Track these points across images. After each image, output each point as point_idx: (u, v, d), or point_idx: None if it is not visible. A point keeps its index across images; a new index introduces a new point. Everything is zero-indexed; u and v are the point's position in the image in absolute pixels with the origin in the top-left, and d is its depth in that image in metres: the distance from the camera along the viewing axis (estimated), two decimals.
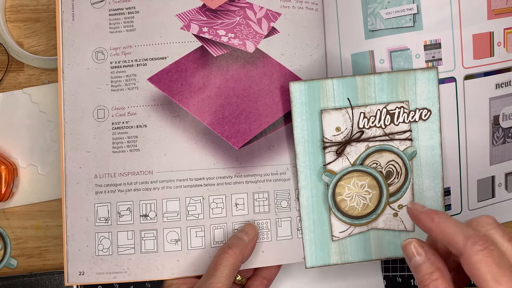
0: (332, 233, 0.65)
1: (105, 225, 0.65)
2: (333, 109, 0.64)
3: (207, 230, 0.65)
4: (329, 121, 0.64)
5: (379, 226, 0.66)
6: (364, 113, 0.64)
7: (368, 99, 0.64)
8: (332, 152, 0.65)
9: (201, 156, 0.65)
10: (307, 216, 0.65)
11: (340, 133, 0.64)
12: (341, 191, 0.65)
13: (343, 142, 0.64)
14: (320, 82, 0.64)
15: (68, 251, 0.65)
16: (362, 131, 0.64)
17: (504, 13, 0.67)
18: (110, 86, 0.66)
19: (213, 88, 0.66)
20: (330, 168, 0.65)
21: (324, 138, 0.64)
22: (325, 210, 0.65)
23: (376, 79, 0.64)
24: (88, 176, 0.66)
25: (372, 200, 0.65)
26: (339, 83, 0.64)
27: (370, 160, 0.65)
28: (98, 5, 0.68)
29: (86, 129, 0.66)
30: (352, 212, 0.65)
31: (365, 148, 0.64)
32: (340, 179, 0.64)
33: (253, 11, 0.67)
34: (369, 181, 0.65)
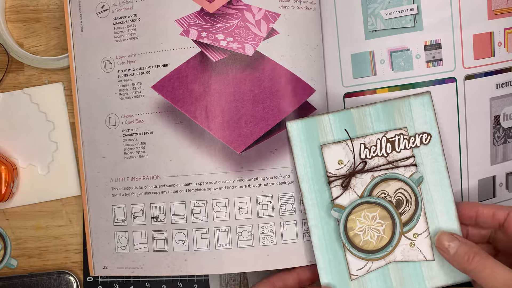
0: (350, 271, 0.64)
1: (122, 225, 0.71)
2: (332, 143, 0.65)
3: (211, 233, 0.69)
4: (331, 155, 0.65)
5: (397, 258, 0.64)
6: (364, 143, 0.64)
7: (366, 129, 0.65)
8: (338, 186, 0.64)
9: (204, 161, 0.68)
10: (322, 256, 0.65)
11: (343, 166, 0.65)
12: (353, 226, 0.64)
13: (347, 175, 0.64)
14: (317, 118, 0.65)
15: (93, 248, 0.72)
16: (365, 161, 0.64)
17: (504, 13, 0.68)
18: (118, 94, 0.70)
19: (213, 94, 0.67)
20: (338, 203, 0.64)
21: (328, 173, 0.65)
22: (339, 247, 0.64)
23: (371, 110, 0.65)
24: (105, 180, 0.71)
25: (386, 231, 0.64)
26: (335, 118, 0.65)
27: (377, 190, 0.64)
28: (102, 14, 0.70)
29: (101, 136, 0.71)
30: (367, 247, 0.64)
31: (370, 178, 0.64)
32: (350, 213, 0.64)
33: (252, 13, 0.68)
34: (379, 212, 0.64)
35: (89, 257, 0.72)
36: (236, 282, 0.75)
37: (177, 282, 0.75)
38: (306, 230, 0.68)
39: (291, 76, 0.68)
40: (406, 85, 0.68)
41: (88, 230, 0.72)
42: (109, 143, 0.71)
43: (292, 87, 0.68)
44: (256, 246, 0.68)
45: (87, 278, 0.75)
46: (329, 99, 0.71)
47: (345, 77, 0.70)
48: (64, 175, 0.75)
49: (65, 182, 0.75)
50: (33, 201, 0.76)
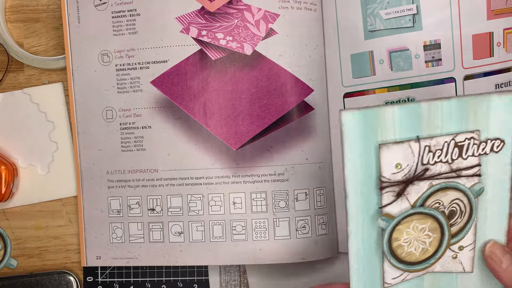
0: (384, 280, 0.57)
1: (117, 216, 0.72)
2: (393, 143, 0.53)
3: (207, 226, 0.70)
4: (389, 156, 0.54)
5: (436, 269, 0.59)
6: (430, 146, 0.54)
7: (433, 129, 0.55)
8: (391, 192, 0.55)
9: (201, 157, 0.69)
10: (356, 264, 0.56)
11: (400, 171, 0.54)
12: (399, 236, 0.56)
13: (404, 181, 0.55)
14: (378, 110, 0.53)
15: (86, 238, 0.73)
16: (427, 168, 0.55)
17: (503, 13, 0.68)
18: (116, 88, 0.71)
19: (211, 91, 0.68)
20: (387, 211, 0.55)
21: (381, 177, 0.54)
22: (377, 257, 0.57)
23: (444, 105, 0.54)
24: (100, 172, 0.72)
25: (432, 244, 0.57)
26: (401, 111, 0.53)
27: (432, 199, 0.56)
28: (101, 7, 0.71)
29: (97, 128, 0.72)
30: (409, 258, 0.57)
31: (428, 186, 0.56)
32: (398, 223, 0.56)
33: (251, 13, 0.68)
34: (430, 224, 0.56)
35: (81, 248, 0.74)
36: (236, 283, 0.75)
37: (177, 282, 0.75)
38: (299, 227, 0.69)
39: (288, 75, 0.69)
40: (405, 85, 0.69)
41: (81, 221, 0.74)
42: (106, 136, 0.72)
43: (289, 86, 0.69)
44: (249, 240, 0.69)
45: (87, 278, 0.76)
46: (329, 99, 0.71)
47: (345, 77, 0.71)
48: (64, 175, 0.75)
49: (65, 182, 0.75)
50: (33, 201, 0.76)
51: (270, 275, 0.74)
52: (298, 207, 0.69)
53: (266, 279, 0.74)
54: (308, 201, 0.69)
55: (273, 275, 0.74)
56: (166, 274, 0.75)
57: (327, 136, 0.71)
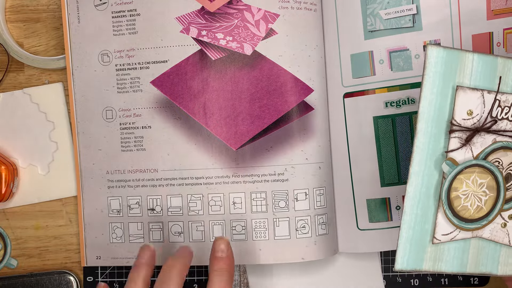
0: (434, 235, 0.58)
1: (117, 216, 0.72)
2: (469, 88, 0.56)
3: (207, 225, 0.71)
4: (463, 101, 0.56)
5: (484, 235, 0.59)
6: (500, 101, 0.57)
7: (505, 86, 0.57)
8: (459, 138, 0.57)
9: (201, 157, 0.70)
10: (410, 208, 0.57)
11: (471, 118, 0.57)
12: (458, 186, 0.57)
13: (473, 129, 0.57)
14: (460, 53, 0.56)
15: (86, 238, 0.73)
16: (495, 120, 0.57)
17: (503, 13, 0.68)
18: (116, 88, 0.71)
19: (211, 91, 0.69)
20: (451, 157, 0.57)
21: (453, 120, 0.56)
22: (433, 205, 0.58)
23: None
24: (100, 172, 0.73)
25: (487, 203, 0.58)
26: (480, 60, 0.57)
27: (493, 156, 0.58)
28: (101, 7, 0.71)
29: (97, 128, 0.72)
30: (463, 213, 0.58)
31: (492, 141, 0.58)
32: (460, 172, 0.57)
33: (251, 13, 0.69)
34: (489, 181, 0.58)
35: (81, 248, 0.74)
36: (236, 282, 0.75)
37: None
38: (298, 227, 0.69)
39: (288, 75, 0.69)
40: (405, 85, 0.69)
41: (81, 221, 0.74)
42: (106, 136, 0.72)
43: (289, 86, 0.69)
44: (249, 241, 0.70)
45: (87, 278, 0.76)
46: (329, 99, 0.71)
47: (345, 77, 0.71)
48: (64, 175, 0.75)
49: (65, 182, 0.75)
50: (33, 201, 0.76)
51: (270, 275, 0.74)
52: (298, 207, 0.69)
53: (266, 279, 0.74)
54: (308, 201, 0.69)
55: (273, 275, 0.74)
56: None
57: (327, 136, 0.71)
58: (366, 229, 0.71)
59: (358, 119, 0.71)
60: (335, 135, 0.72)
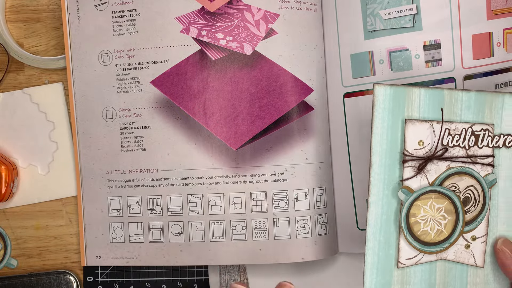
0: (399, 259, 0.61)
1: (117, 216, 0.72)
2: (418, 120, 0.60)
3: (207, 225, 0.71)
4: (413, 132, 0.60)
5: (449, 257, 0.61)
6: (449, 129, 0.60)
7: (453, 115, 0.60)
8: (412, 167, 0.60)
9: (201, 157, 0.70)
10: (373, 236, 0.60)
11: (422, 148, 0.60)
12: (416, 212, 0.60)
13: (425, 158, 0.60)
14: (407, 89, 0.60)
15: (86, 238, 0.73)
16: (446, 148, 0.60)
17: (503, 13, 0.68)
18: (116, 88, 0.71)
19: (211, 91, 0.69)
20: (407, 185, 0.60)
21: (405, 151, 0.60)
22: (394, 231, 0.61)
23: (464, 96, 0.60)
24: (100, 171, 0.73)
25: (447, 227, 0.61)
26: (427, 94, 0.60)
27: (449, 182, 0.61)
28: (101, 7, 0.71)
29: (97, 128, 0.73)
30: (424, 238, 0.61)
31: (446, 167, 0.60)
32: (417, 199, 0.60)
33: (251, 13, 0.69)
34: (446, 205, 0.60)
35: (81, 247, 0.74)
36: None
37: (177, 282, 0.76)
38: (298, 227, 0.69)
39: (288, 75, 0.69)
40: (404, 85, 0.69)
41: (81, 221, 0.74)
42: (106, 136, 0.72)
43: (289, 86, 0.69)
44: (249, 240, 0.69)
45: (87, 278, 0.76)
46: (329, 99, 0.71)
47: (345, 77, 0.71)
48: (64, 175, 0.75)
49: (65, 182, 0.76)
50: (33, 201, 0.76)
51: (270, 275, 0.74)
52: (298, 207, 0.69)
53: (266, 279, 0.74)
54: (308, 201, 0.69)
55: (273, 275, 0.74)
56: (166, 274, 0.75)
57: (327, 136, 0.71)
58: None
59: (358, 119, 0.70)
60: (335, 135, 0.72)
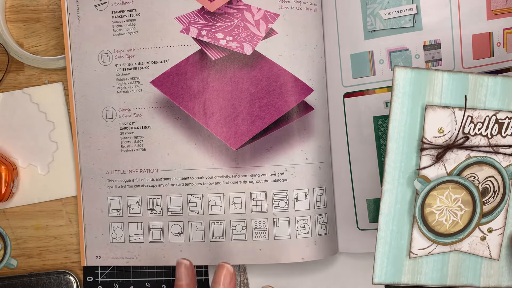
0: (411, 249, 0.59)
1: (117, 216, 0.72)
2: (439, 106, 0.57)
3: (207, 225, 0.71)
4: (433, 119, 0.57)
5: (463, 249, 0.60)
6: (472, 117, 0.57)
7: (477, 102, 0.57)
8: (430, 156, 0.57)
9: (201, 157, 0.70)
10: (385, 225, 0.58)
11: (442, 135, 0.57)
12: (432, 202, 0.58)
13: (444, 146, 0.57)
14: (429, 73, 0.57)
15: (86, 238, 0.73)
16: (467, 136, 0.57)
17: (503, 13, 0.68)
18: (116, 88, 0.72)
19: (211, 91, 0.69)
20: (424, 174, 0.58)
21: (424, 138, 0.57)
22: (407, 221, 0.59)
23: (490, 82, 0.57)
24: (100, 171, 0.73)
25: (463, 218, 0.59)
26: (450, 78, 0.57)
27: (468, 172, 0.58)
28: (101, 7, 0.71)
29: (97, 128, 0.73)
30: (438, 228, 0.59)
31: (466, 157, 0.58)
32: (433, 188, 0.58)
33: (251, 13, 0.69)
34: (463, 196, 0.58)
35: (81, 248, 0.74)
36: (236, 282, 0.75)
37: None
38: (298, 227, 0.69)
39: (288, 75, 0.69)
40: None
41: (81, 221, 0.74)
42: (106, 136, 0.72)
43: (289, 86, 0.69)
44: (249, 240, 0.70)
45: (87, 278, 0.76)
46: (329, 99, 0.71)
47: (345, 77, 0.71)
48: (64, 175, 0.75)
49: (65, 182, 0.75)
50: (33, 201, 0.76)
51: (270, 275, 0.74)
52: (298, 207, 0.69)
53: (266, 279, 0.74)
54: (308, 201, 0.69)
55: (273, 275, 0.74)
56: (166, 274, 0.75)
57: (327, 136, 0.71)
58: (366, 229, 0.71)
59: (358, 119, 0.70)
60: (335, 135, 0.72)
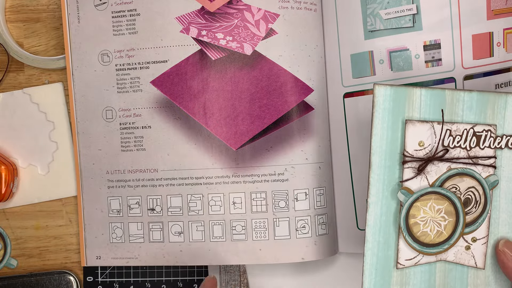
0: (398, 260, 0.60)
1: (117, 216, 0.72)
2: (418, 121, 0.59)
3: (207, 225, 0.70)
4: (413, 133, 0.59)
5: (449, 258, 0.61)
6: (451, 130, 0.59)
7: (455, 116, 0.60)
8: (412, 168, 0.60)
9: (201, 157, 0.69)
10: (372, 237, 0.60)
11: (422, 149, 0.60)
12: (416, 213, 0.60)
13: (425, 159, 0.59)
14: (407, 89, 0.59)
15: (86, 238, 0.73)
16: (447, 149, 0.60)
17: (503, 13, 0.68)
18: (116, 88, 0.71)
19: (211, 91, 0.68)
20: (407, 186, 0.60)
21: (405, 151, 0.59)
22: (393, 232, 0.60)
23: (466, 97, 0.59)
24: (100, 171, 0.72)
25: (447, 228, 0.60)
26: (428, 94, 0.59)
27: (450, 183, 0.60)
28: (101, 7, 0.71)
29: (97, 128, 0.72)
30: (424, 239, 0.60)
31: (446, 169, 0.60)
32: (417, 200, 0.60)
33: (251, 13, 0.69)
34: (446, 206, 0.60)
35: (81, 248, 0.74)
36: (236, 282, 0.75)
37: (177, 282, 0.75)
38: (299, 227, 0.69)
39: (288, 75, 0.69)
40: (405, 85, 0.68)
41: (81, 221, 0.74)
42: (106, 136, 0.72)
43: (289, 86, 0.69)
44: (249, 240, 0.69)
45: (87, 278, 0.76)
46: (329, 99, 0.71)
47: (345, 77, 0.71)
48: (64, 175, 0.75)
49: (65, 182, 0.75)
50: (33, 201, 0.76)
51: (270, 275, 0.74)
52: (298, 207, 0.69)
53: (266, 279, 0.74)
54: (308, 201, 0.69)
55: (273, 275, 0.74)
56: (166, 274, 0.75)
57: (327, 136, 0.71)
58: None
59: (358, 119, 0.70)
60: (335, 135, 0.71)
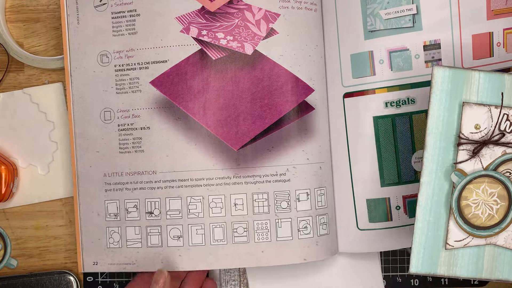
0: (447, 241, 0.60)
1: (114, 220, 0.71)
2: (476, 104, 0.59)
3: (207, 228, 0.69)
4: (470, 116, 0.59)
5: (498, 242, 0.61)
6: (508, 115, 0.59)
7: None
8: (467, 150, 0.60)
9: (201, 157, 0.69)
10: (422, 216, 0.60)
11: (478, 132, 0.60)
12: (468, 195, 0.60)
13: (480, 142, 0.59)
14: (466, 72, 0.59)
15: (82, 243, 0.71)
16: (503, 133, 0.59)
17: (503, 13, 0.69)
18: (115, 89, 0.70)
19: (212, 91, 0.68)
20: (460, 168, 0.60)
21: (461, 134, 0.59)
22: (444, 213, 0.60)
23: None
24: (98, 174, 0.71)
25: (499, 212, 0.60)
26: (486, 78, 0.59)
27: (504, 167, 0.60)
28: (101, 8, 0.70)
29: (95, 130, 0.71)
30: (474, 221, 0.60)
31: (502, 153, 0.60)
32: (470, 182, 0.60)
33: (252, 13, 0.68)
34: (499, 191, 0.60)
35: (78, 253, 0.72)
36: (236, 282, 0.75)
37: None
38: (300, 228, 0.69)
39: (289, 75, 0.69)
40: (405, 85, 0.69)
41: (78, 225, 0.72)
42: (104, 137, 0.71)
43: (290, 86, 0.68)
44: (251, 242, 0.69)
45: (87, 278, 0.76)
46: (329, 99, 0.71)
47: (345, 77, 0.71)
48: (64, 175, 0.75)
49: (65, 182, 0.75)
50: (33, 201, 0.76)
51: (270, 275, 0.74)
52: (300, 207, 0.69)
53: (266, 279, 0.74)
54: (309, 201, 0.69)
55: (273, 275, 0.74)
56: None
57: (327, 136, 0.71)
58: (366, 229, 0.71)
59: (358, 119, 0.70)
60: (335, 135, 0.71)
